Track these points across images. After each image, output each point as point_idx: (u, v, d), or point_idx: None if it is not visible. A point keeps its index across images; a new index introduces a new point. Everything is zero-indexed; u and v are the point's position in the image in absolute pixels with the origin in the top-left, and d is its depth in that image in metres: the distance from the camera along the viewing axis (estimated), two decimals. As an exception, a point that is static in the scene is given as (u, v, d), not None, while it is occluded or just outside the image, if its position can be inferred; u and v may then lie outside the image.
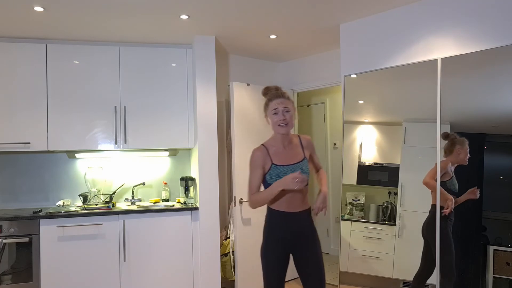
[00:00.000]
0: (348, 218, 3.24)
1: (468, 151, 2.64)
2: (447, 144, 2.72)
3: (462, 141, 2.68)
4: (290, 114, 2.19)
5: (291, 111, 2.21)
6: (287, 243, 2.20)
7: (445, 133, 2.74)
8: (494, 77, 2.52)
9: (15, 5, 2.77)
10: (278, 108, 2.17)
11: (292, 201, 2.18)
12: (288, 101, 2.21)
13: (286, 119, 2.16)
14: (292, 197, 2.18)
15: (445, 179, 2.70)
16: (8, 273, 3.13)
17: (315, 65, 4.33)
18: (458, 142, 2.68)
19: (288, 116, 2.17)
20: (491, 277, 2.51)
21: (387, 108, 3.08)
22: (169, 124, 3.75)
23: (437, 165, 2.72)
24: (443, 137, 2.74)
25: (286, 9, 3.01)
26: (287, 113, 2.18)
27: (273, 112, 2.19)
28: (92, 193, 3.70)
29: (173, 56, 3.78)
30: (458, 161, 2.68)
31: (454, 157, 2.69)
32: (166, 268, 3.47)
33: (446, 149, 2.72)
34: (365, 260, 3.10)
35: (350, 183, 3.24)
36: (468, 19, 2.65)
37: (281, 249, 2.19)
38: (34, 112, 3.46)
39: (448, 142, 2.72)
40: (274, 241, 2.20)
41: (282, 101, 2.18)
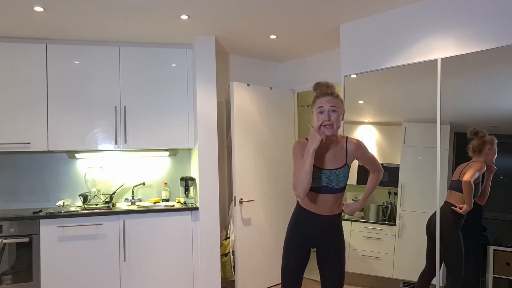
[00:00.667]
0: (348, 218, 3.24)
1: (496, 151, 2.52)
2: (476, 143, 2.58)
3: (492, 139, 2.53)
4: (337, 115, 2.00)
5: (339, 111, 2.01)
6: (310, 241, 2.16)
7: (474, 129, 2.56)
8: (494, 77, 2.52)
9: (15, 5, 2.77)
10: (324, 107, 1.99)
11: (323, 205, 2.10)
12: (337, 100, 2.02)
13: (331, 120, 1.98)
14: (324, 201, 2.10)
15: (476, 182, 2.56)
16: (8, 273, 3.13)
17: (315, 65, 4.33)
18: (488, 141, 2.54)
19: (334, 116, 1.99)
20: (491, 277, 2.51)
21: (387, 108, 3.08)
22: (169, 124, 3.75)
23: (437, 165, 2.72)
24: (471, 134, 2.59)
25: (286, 9, 3.01)
26: (334, 113, 1.99)
27: (318, 110, 2.01)
28: (92, 193, 3.70)
29: (173, 56, 3.78)
30: (487, 162, 2.55)
31: (484, 157, 2.56)
32: (166, 268, 3.47)
33: (476, 148, 2.58)
34: (365, 260, 3.10)
35: (350, 183, 3.24)
36: (468, 19, 2.65)
37: (302, 245, 2.15)
38: (34, 112, 3.46)
39: (477, 140, 2.58)
40: (297, 236, 2.16)
41: (330, 100, 2.00)
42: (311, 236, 2.15)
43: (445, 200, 2.69)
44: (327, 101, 1.99)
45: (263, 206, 3.99)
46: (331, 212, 2.12)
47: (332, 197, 2.09)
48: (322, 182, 2.06)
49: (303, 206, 2.17)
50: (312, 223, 2.14)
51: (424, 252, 2.79)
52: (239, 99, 3.85)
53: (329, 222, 2.14)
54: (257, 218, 3.93)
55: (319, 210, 2.11)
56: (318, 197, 2.09)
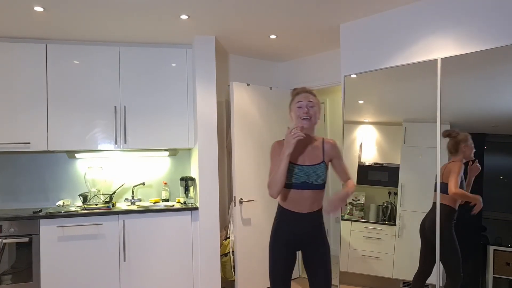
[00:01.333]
0: (348, 218, 3.24)
1: (473, 146, 2.58)
2: (451, 143, 2.65)
3: (465, 136, 2.60)
4: (314, 110, 2.16)
5: (316, 106, 2.17)
6: (294, 242, 2.20)
7: (445, 131, 2.66)
8: (494, 77, 2.52)
9: (15, 5, 2.77)
10: (303, 102, 2.15)
11: (302, 202, 2.15)
12: (314, 98, 2.19)
13: (309, 113, 2.13)
14: (302, 198, 2.15)
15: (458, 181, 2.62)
16: (8, 273, 3.13)
17: (315, 65, 4.33)
18: (462, 139, 2.62)
19: (312, 111, 2.15)
20: (491, 277, 2.51)
21: (387, 108, 3.08)
22: (169, 124, 3.75)
23: (437, 165, 2.72)
24: (444, 136, 2.67)
25: (286, 9, 3.01)
26: (311, 108, 2.15)
27: (297, 105, 2.16)
28: (92, 193, 3.70)
29: (173, 56, 3.78)
30: (466, 158, 2.61)
31: (461, 155, 2.62)
32: (166, 268, 3.47)
33: (451, 148, 2.65)
34: (365, 260, 3.10)
35: (350, 183, 3.24)
36: (468, 19, 2.65)
37: (287, 247, 2.19)
38: (34, 112, 3.46)
39: (451, 141, 2.65)
40: (280, 239, 2.20)
41: (307, 96, 2.17)
42: (294, 237, 2.18)
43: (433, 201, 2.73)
44: (305, 97, 2.16)
45: (263, 206, 3.99)
46: (310, 209, 2.17)
47: (311, 193, 2.15)
48: (301, 178, 2.14)
49: (283, 206, 2.22)
50: (293, 223, 2.18)
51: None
52: (239, 99, 3.85)
53: (310, 221, 2.18)
54: (257, 218, 3.93)
55: (299, 208, 2.16)
56: (298, 193, 2.15)
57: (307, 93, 2.18)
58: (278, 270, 2.18)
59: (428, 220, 2.76)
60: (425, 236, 2.77)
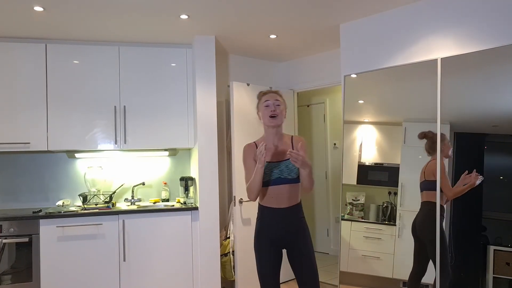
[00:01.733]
0: (348, 218, 3.24)
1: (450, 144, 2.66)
2: (428, 144, 2.74)
3: (442, 136, 2.70)
4: (281, 108, 2.29)
5: (282, 105, 2.30)
6: (277, 239, 2.26)
7: (421, 133, 2.77)
8: (494, 77, 2.52)
9: (15, 5, 2.77)
10: (269, 101, 2.29)
11: (280, 197, 2.24)
12: (280, 97, 2.33)
13: (276, 111, 2.26)
14: (279, 193, 2.24)
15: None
16: (8, 273, 3.13)
17: (315, 65, 4.32)
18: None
19: (278, 109, 2.27)
20: (491, 277, 2.51)
21: (387, 108, 3.08)
22: (169, 124, 3.75)
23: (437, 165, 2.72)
24: (420, 137, 2.78)
25: (286, 9, 3.01)
26: (278, 106, 2.28)
27: (264, 104, 2.30)
28: (92, 193, 3.70)
29: (173, 56, 3.77)
30: (444, 157, 2.70)
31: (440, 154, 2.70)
32: (166, 268, 3.47)
33: (429, 149, 2.74)
34: (365, 260, 3.10)
35: (350, 183, 3.24)
36: (468, 19, 2.65)
37: (271, 244, 2.27)
38: (34, 112, 3.46)
39: (428, 141, 2.74)
40: (264, 237, 2.28)
41: (274, 96, 2.32)
42: (278, 234, 2.26)
43: (423, 201, 2.78)
44: (271, 97, 2.31)
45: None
46: (289, 203, 2.25)
47: (287, 187, 2.24)
48: (274, 174, 2.25)
49: (263, 204, 2.32)
50: (275, 220, 2.26)
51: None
52: (239, 99, 3.85)
53: (291, 215, 2.26)
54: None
55: (278, 204, 2.25)
56: (274, 189, 2.25)
57: (273, 93, 2.33)
58: (266, 270, 2.26)
59: (418, 220, 2.81)
60: (416, 235, 2.82)
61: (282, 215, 2.25)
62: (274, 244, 2.27)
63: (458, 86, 2.67)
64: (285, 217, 2.25)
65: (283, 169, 2.25)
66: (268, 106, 2.28)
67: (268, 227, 2.28)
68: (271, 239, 2.27)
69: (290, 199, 2.26)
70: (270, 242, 2.26)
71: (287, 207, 2.26)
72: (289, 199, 2.26)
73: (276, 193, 2.25)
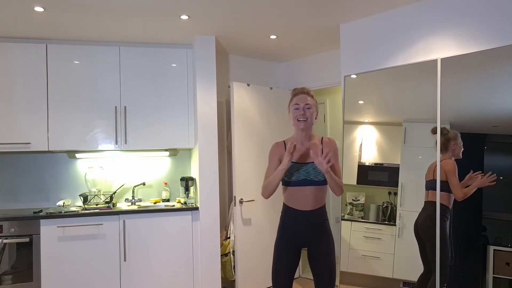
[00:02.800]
0: (348, 218, 3.24)
1: (462, 144, 2.64)
2: (441, 141, 2.71)
3: (455, 135, 2.66)
4: (311, 112, 2.25)
5: (312, 108, 2.26)
6: (299, 239, 2.26)
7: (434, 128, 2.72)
8: (494, 77, 2.52)
9: (15, 5, 2.78)
10: (300, 104, 2.24)
11: (304, 199, 2.23)
12: (311, 99, 2.27)
13: (305, 114, 2.22)
14: (304, 195, 2.22)
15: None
16: (9, 273, 3.14)
17: (315, 65, 4.33)
18: (452, 137, 2.68)
19: (308, 112, 2.23)
20: (491, 277, 2.51)
21: (387, 108, 3.08)
22: (169, 124, 3.75)
23: (437, 164, 2.72)
24: (433, 132, 2.73)
25: (286, 9, 3.01)
26: (308, 110, 2.24)
27: (294, 107, 2.26)
28: (92, 193, 3.70)
29: (173, 56, 3.78)
30: (454, 156, 2.67)
31: (451, 153, 2.68)
32: (166, 268, 3.47)
33: (442, 146, 2.71)
34: (365, 260, 3.10)
35: (350, 183, 3.24)
36: (468, 19, 2.65)
37: (292, 244, 2.26)
38: (34, 112, 3.46)
39: (442, 138, 2.71)
40: (286, 236, 2.27)
41: (305, 98, 2.25)
42: (299, 235, 2.25)
43: (427, 200, 2.76)
44: (302, 99, 2.25)
45: (263, 206, 3.99)
46: (314, 206, 2.24)
47: (313, 189, 2.22)
48: (301, 175, 2.22)
49: (287, 204, 2.29)
50: (298, 221, 2.24)
51: (424, 252, 2.81)
52: (239, 99, 3.85)
53: (314, 218, 2.24)
54: (257, 218, 3.93)
55: (302, 206, 2.23)
56: (300, 190, 2.22)
57: (305, 95, 2.27)
58: (281, 266, 2.25)
59: (421, 220, 2.79)
60: (418, 236, 2.81)
61: (306, 217, 2.24)
62: (294, 244, 2.27)
63: (458, 86, 2.67)
64: (308, 219, 2.24)
65: (310, 171, 2.22)
66: (297, 109, 2.24)
67: (290, 227, 2.27)
68: (292, 239, 2.26)
69: (315, 201, 2.24)
70: (290, 241, 2.26)
71: (311, 210, 2.24)
72: (314, 202, 2.24)
73: (300, 195, 2.23)
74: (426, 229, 2.75)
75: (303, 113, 2.22)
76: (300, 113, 2.22)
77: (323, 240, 2.25)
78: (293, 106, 2.27)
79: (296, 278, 4.30)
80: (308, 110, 2.24)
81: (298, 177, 2.22)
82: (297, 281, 4.23)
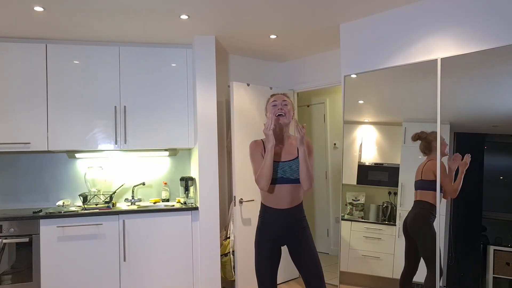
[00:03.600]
0: (348, 218, 3.24)
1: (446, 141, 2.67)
2: (423, 144, 2.76)
3: (435, 135, 2.71)
4: (288, 108, 2.36)
5: (289, 105, 2.37)
6: (278, 238, 2.32)
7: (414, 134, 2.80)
8: (494, 77, 2.52)
9: (15, 5, 2.77)
10: (277, 101, 2.37)
11: (281, 197, 2.28)
12: (287, 98, 2.41)
13: (283, 109, 2.33)
14: (281, 193, 2.28)
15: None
16: (8, 273, 3.13)
17: (315, 65, 4.33)
18: (433, 138, 2.72)
19: (285, 108, 2.34)
20: (491, 277, 2.51)
21: (387, 108, 3.08)
22: (169, 124, 3.75)
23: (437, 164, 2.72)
24: (414, 139, 2.81)
25: (286, 9, 3.01)
26: (285, 106, 2.35)
27: (272, 104, 2.37)
28: (92, 193, 3.70)
29: (173, 56, 3.78)
30: (441, 155, 2.71)
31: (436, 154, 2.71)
32: (166, 268, 3.47)
33: (424, 149, 2.76)
34: (365, 260, 3.10)
35: (350, 183, 3.24)
36: (468, 19, 2.65)
37: (271, 243, 2.32)
38: (34, 112, 3.46)
39: (423, 142, 2.76)
40: (264, 236, 2.33)
41: (281, 97, 2.40)
42: (278, 234, 2.31)
43: (416, 199, 2.81)
44: (279, 97, 2.39)
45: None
46: (291, 204, 2.30)
47: (289, 187, 2.28)
48: (278, 173, 2.29)
49: (265, 204, 2.35)
50: (277, 220, 2.30)
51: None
52: (239, 99, 3.85)
53: (292, 216, 2.31)
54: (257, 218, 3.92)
55: (280, 204, 2.29)
56: (276, 188, 2.29)
57: (281, 95, 2.41)
58: (264, 265, 2.31)
59: (410, 218, 2.84)
60: (407, 234, 2.85)
61: (284, 216, 2.29)
62: (274, 242, 2.32)
63: (458, 86, 2.67)
64: (287, 217, 2.29)
65: (286, 169, 2.29)
66: (275, 105, 2.35)
67: (269, 226, 2.32)
68: (272, 237, 2.31)
69: (292, 199, 2.30)
70: (270, 240, 2.31)
71: (289, 207, 2.30)
72: (291, 200, 2.30)
73: (277, 192, 2.29)
74: (414, 227, 2.81)
75: (281, 108, 2.32)
76: (277, 109, 2.32)
77: (303, 237, 2.30)
78: (270, 104, 2.38)
79: (296, 278, 4.30)
80: (285, 106, 2.34)
81: (275, 175, 2.28)
82: (296, 281, 4.23)
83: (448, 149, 2.68)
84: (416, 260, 2.80)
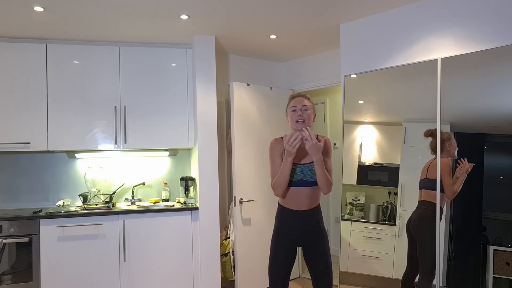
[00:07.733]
0: (348, 218, 3.24)
1: (456, 144, 2.66)
2: (435, 142, 2.73)
3: (448, 136, 2.69)
4: (308, 113, 2.28)
5: (309, 110, 2.30)
6: (294, 239, 2.30)
7: (428, 130, 2.74)
8: (494, 77, 2.52)
9: (15, 5, 2.77)
10: (297, 106, 2.29)
11: (300, 199, 2.26)
12: (308, 101, 2.32)
13: (303, 116, 2.26)
14: (300, 195, 2.26)
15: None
16: (8, 273, 3.13)
17: (315, 65, 4.33)
18: (446, 139, 2.70)
19: (305, 114, 2.27)
20: (491, 277, 2.51)
21: (387, 108, 3.08)
22: (169, 124, 3.75)
23: (437, 164, 2.72)
24: (426, 135, 2.76)
25: (286, 9, 3.01)
26: (305, 111, 2.28)
27: (292, 109, 2.30)
28: (92, 193, 3.70)
29: (173, 56, 3.78)
30: (450, 156, 2.69)
31: (446, 154, 2.70)
32: (166, 268, 3.47)
33: (435, 147, 2.72)
34: (365, 260, 3.10)
35: (350, 183, 3.24)
36: (468, 19, 2.65)
37: (288, 244, 2.30)
38: (34, 112, 3.46)
39: (435, 140, 2.73)
40: (281, 236, 2.31)
41: (302, 100, 2.31)
42: (295, 235, 2.30)
43: (420, 199, 2.79)
44: (299, 101, 2.30)
45: (263, 206, 3.99)
46: (309, 206, 2.28)
47: (308, 190, 2.25)
48: (297, 176, 2.25)
49: (283, 205, 2.33)
50: (294, 221, 2.29)
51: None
52: (239, 99, 3.85)
53: (310, 218, 2.29)
54: (257, 218, 3.93)
55: (298, 206, 2.27)
56: (295, 191, 2.26)
57: (302, 97, 2.32)
58: (278, 266, 2.29)
59: (414, 218, 2.82)
60: (410, 234, 2.84)
61: (301, 218, 2.28)
62: (290, 243, 2.31)
63: (458, 86, 2.67)
64: (304, 219, 2.28)
65: (306, 171, 2.25)
66: (295, 111, 2.28)
67: (286, 227, 2.31)
68: (288, 239, 2.30)
69: (310, 202, 2.28)
70: (287, 240, 2.30)
71: (306, 210, 2.28)
72: (309, 202, 2.28)
73: (296, 195, 2.26)
74: (417, 227, 2.79)
75: (301, 114, 2.26)
76: (297, 115, 2.26)
77: (319, 240, 2.29)
78: (290, 108, 2.31)
79: (296, 278, 4.30)
80: (305, 111, 2.27)
81: (295, 178, 2.25)
82: (296, 281, 4.23)
83: (457, 151, 2.66)
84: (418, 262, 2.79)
